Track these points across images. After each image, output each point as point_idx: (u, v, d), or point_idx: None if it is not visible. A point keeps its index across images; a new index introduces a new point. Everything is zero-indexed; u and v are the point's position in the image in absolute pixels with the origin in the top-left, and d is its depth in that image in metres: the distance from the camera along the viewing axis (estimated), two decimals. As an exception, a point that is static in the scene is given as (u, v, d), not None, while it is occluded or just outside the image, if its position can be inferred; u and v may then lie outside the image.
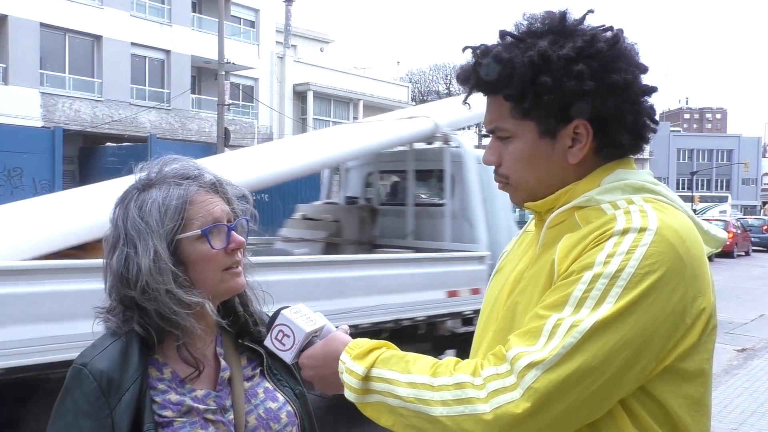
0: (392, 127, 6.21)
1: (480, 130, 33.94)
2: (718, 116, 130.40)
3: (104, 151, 21.85)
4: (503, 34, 1.27)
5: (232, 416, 1.29)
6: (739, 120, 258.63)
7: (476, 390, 1.09)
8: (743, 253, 29.24)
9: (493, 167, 1.33)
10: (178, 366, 1.29)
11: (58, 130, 17.96)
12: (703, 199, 45.67)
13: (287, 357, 1.31)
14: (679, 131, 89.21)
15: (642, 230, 1.11)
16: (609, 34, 1.24)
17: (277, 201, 26.27)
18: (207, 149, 21.64)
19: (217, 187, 1.33)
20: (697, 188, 60.25)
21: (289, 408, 1.38)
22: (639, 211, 1.16)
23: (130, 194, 1.29)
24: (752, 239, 31.10)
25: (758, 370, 8.21)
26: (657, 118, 1.30)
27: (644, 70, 1.25)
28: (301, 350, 1.31)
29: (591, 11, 1.27)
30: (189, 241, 1.26)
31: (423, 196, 7.19)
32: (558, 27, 1.24)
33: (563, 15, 1.25)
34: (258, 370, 1.40)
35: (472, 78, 1.28)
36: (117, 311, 1.28)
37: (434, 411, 1.11)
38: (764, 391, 7.22)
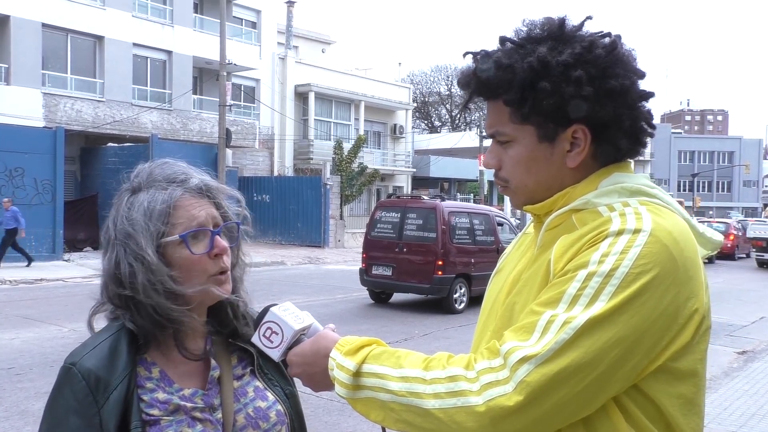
0: None
1: (481, 133, 33.94)
2: (720, 118, 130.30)
3: (106, 151, 21.91)
4: (503, 40, 1.29)
5: (220, 415, 1.30)
6: (741, 122, 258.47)
7: (469, 383, 1.11)
8: (744, 255, 29.24)
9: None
10: (167, 365, 1.30)
11: (60, 131, 18.00)
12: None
13: (275, 354, 1.31)
14: (681, 133, 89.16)
15: (636, 231, 1.13)
16: (607, 40, 1.26)
17: (277, 202, 26.37)
18: (208, 150, 21.72)
19: (204, 191, 1.32)
20: (698, 190, 60.19)
21: (279, 407, 1.38)
22: (634, 213, 1.18)
23: (122, 196, 1.31)
24: (753, 241, 31.01)
25: (758, 373, 8.22)
26: (654, 122, 1.32)
27: (641, 75, 1.27)
28: (289, 348, 1.31)
29: (589, 18, 1.29)
30: (172, 246, 1.26)
31: None
32: (557, 33, 1.26)
33: (562, 21, 1.27)
34: (248, 369, 1.40)
35: (472, 83, 1.30)
36: (107, 308, 1.30)
37: (426, 404, 1.13)
38: (764, 393, 7.23)
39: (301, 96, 30.95)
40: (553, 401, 1.07)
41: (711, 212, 65.79)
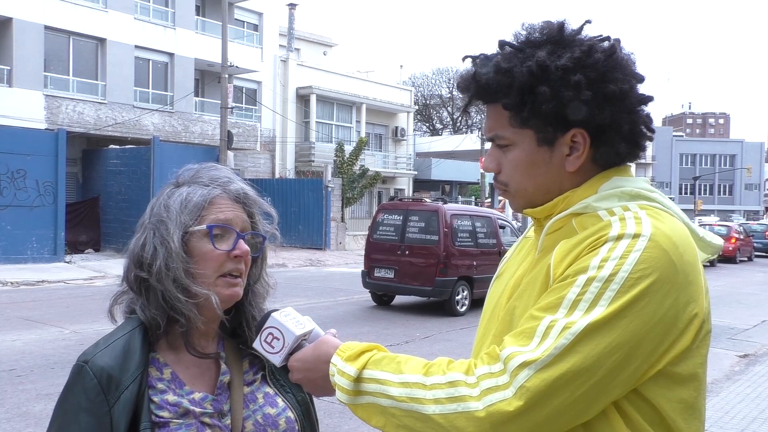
0: None
1: (482, 136, 33.96)
2: (721, 121, 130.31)
3: (107, 153, 21.94)
4: (502, 44, 1.29)
5: (229, 421, 1.31)
6: (742, 125, 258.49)
7: (469, 388, 1.11)
8: (746, 259, 29.26)
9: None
10: (178, 367, 1.31)
11: (62, 132, 18.03)
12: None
13: (276, 360, 1.32)
14: (682, 136, 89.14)
15: (636, 236, 1.13)
16: (606, 44, 1.26)
17: (278, 204, 26.30)
18: (210, 152, 21.73)
19: (241, 198, 1.37)
20: (699, 193, 60.21)
21: (289, 414, 1.38)
22: (634, 217, 1.18)
23: (166, 188, 1.38)
24: (755, 245, 31.16)
25: (760, 376, 8.21)
26: (655, 125, 1.32)
27: (640, 79, 1.27)
28: (290, 353, 1.31)
29: (588, 22, 1.29)
30: (197, 236, 1.30)
31: None
32: (556, 37, 1.26)
33: (561, 25, 1.28)
34: (259, 375, 1.41)
35: (471, 87, 1.30)
36: (124, 298, 1.33)
37: (427, 409, 1.13)
38: (766, 397, 7.22)
39: (303, 98, 30.98)
40: (553, 406, 1.07)
41: (712, 215, 65.78)
